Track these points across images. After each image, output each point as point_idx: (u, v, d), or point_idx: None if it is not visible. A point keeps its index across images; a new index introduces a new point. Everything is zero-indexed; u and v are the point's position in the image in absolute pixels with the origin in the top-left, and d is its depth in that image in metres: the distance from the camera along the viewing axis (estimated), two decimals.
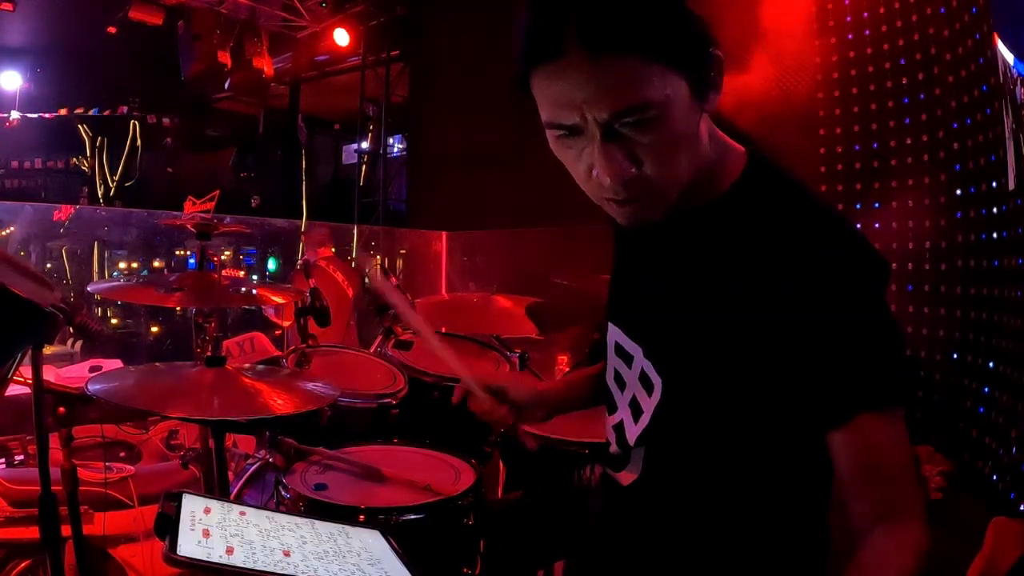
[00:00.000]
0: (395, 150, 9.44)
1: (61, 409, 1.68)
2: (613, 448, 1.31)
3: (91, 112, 9.15)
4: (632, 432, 1.24)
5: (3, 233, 6.26)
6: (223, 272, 2.28)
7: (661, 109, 0.92)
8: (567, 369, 3.77)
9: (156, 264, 7.76)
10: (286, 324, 4.85)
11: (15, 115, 8.74)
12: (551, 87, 0.96)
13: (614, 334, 1.28)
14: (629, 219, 1.04)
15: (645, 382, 1.19)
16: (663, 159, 0.96)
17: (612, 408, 1.31)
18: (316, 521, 1.17)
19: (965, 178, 3.85)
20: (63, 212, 6.80)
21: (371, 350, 2.78)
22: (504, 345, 2.93)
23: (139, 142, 9.84)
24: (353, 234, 8.17)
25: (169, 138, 10.08)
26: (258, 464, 2.33)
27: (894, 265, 4.29)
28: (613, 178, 0.96)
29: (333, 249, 5.56)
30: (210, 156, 10.73)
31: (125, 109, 9.41)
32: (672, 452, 1.18)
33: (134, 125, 9.65)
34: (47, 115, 8.73)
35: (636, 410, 1.22)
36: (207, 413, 1.61)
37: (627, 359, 1.24)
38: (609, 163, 0.95)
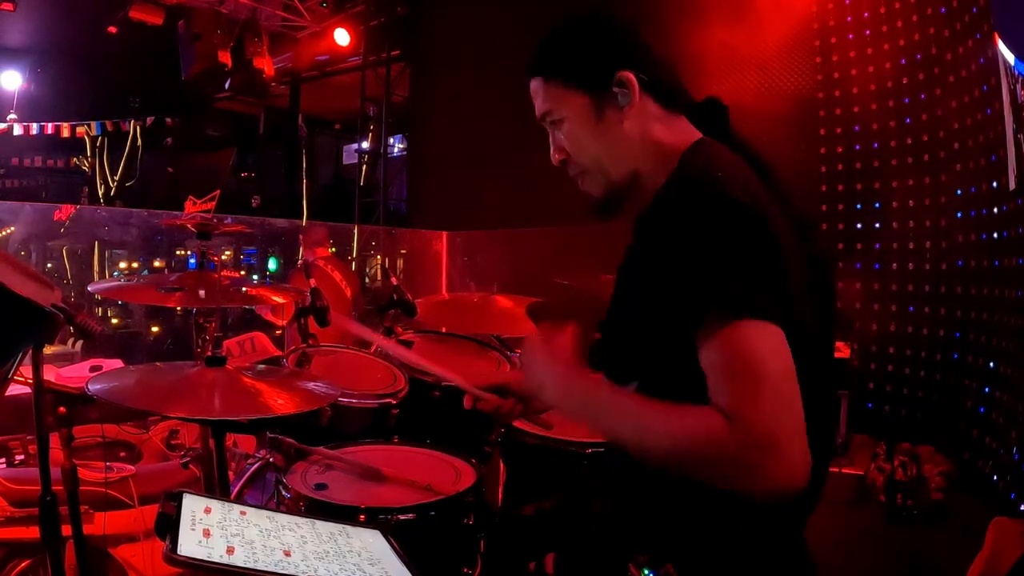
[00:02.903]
0: (395, 150, 9.44)
1: (61, 409, 1.68)
2: None
3: (93, 125, 9.14)
4: None
5: (3, 233, 6.26)
6: (222, 272, 2.28)
7: (561, 114, 1.31)
8: None
9: (156, 264, 7.76)
10: (282, 323, 4.85)
11: (11, 117, 8.73)
12: None
13: None
14: (584, 191, 1.37)
15: None
16: (576, 149, 1.33)
17: None
18: (316, 521, 1.17)
19: (965, 178, 3.85)
20: (63, 212, 6.80)
21: (371, 350, 2.78)
22: (504, 345, 2.93)
23: (139, 142, 9.85)
24: (353, 234, 8.17)
25: (169, 138, 10.08)
26: (258, 464, 2.33)
27: (894, 265, 4.29)
28: (553, 159, 1.37)
29: (332, 249, 5.55)
30: (211, 156, 10.73)
31: (127, 126, 9.43)
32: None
33: (134, 125, 9.65)
34: (48, 126, 8.71)
35: None
36: (208, 413, 1.61)
37: None
38: (552, 148, 1.37)
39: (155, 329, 7.47)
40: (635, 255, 1.30)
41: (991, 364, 3.50)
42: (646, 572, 1.15)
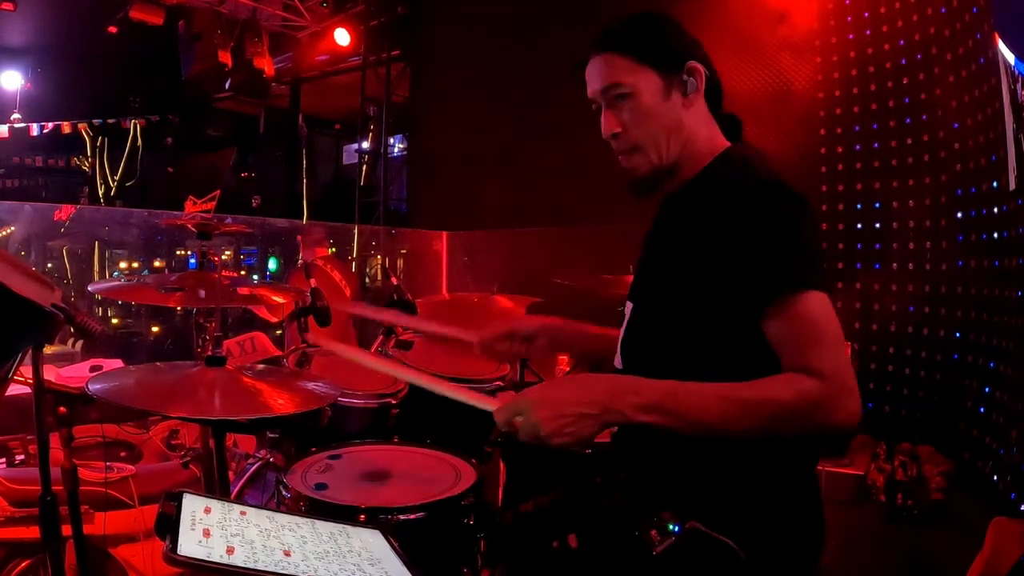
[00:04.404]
0: (396, 150, 9.44)
1: (62, 409, 1.67)
2: None
3: (95, 122, 9.14)
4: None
5: (3, 233, 6.26)
6: (222, 272, 2.28)
7: (631, 88, 1.39)
8: (567, 369, 3.78)
9: (157, 264, 7.75)
10: (276, 320, 4.85)
11: (15, 117, 8.72)
12: (586, 78, 1.46)
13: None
14: (627, 169, 1.45)
15: (623, 322, 1.51)
16: (636, 124, 1.40)
17: None
18: (316, 521, 1.17)
19: (966, 178, 3.84)
20: (64, 212, 6.78)
21: (371, 350, 2.78)
22: None
23: (140, 142, 9.84)
24: (354, 234, 8.17)
25: (170, 138, 10.08)
26: (258, 464, 2.33)
27: (894, 265, 4.29)
28: (604, 132, 1.44)
29: (332, 249, 5.55)
30: (211, 156, 10.72)
31: (128, 123, 9.42)
32: (642, 362, 1.42)
33: (135, 125, 9.65)
34: (48, 125, 8.71)
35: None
36: (208, 413, 1.61)
37: (622, 321, 1.51)
38: (604, 122, 1.44)
39: (155, 329, 7.46)
40: (675, 233, 1.41)
41: (991, 364, 3.50)
42: (670, 527, 1.21)
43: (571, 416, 1.18)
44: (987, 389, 3.51)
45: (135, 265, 7.70)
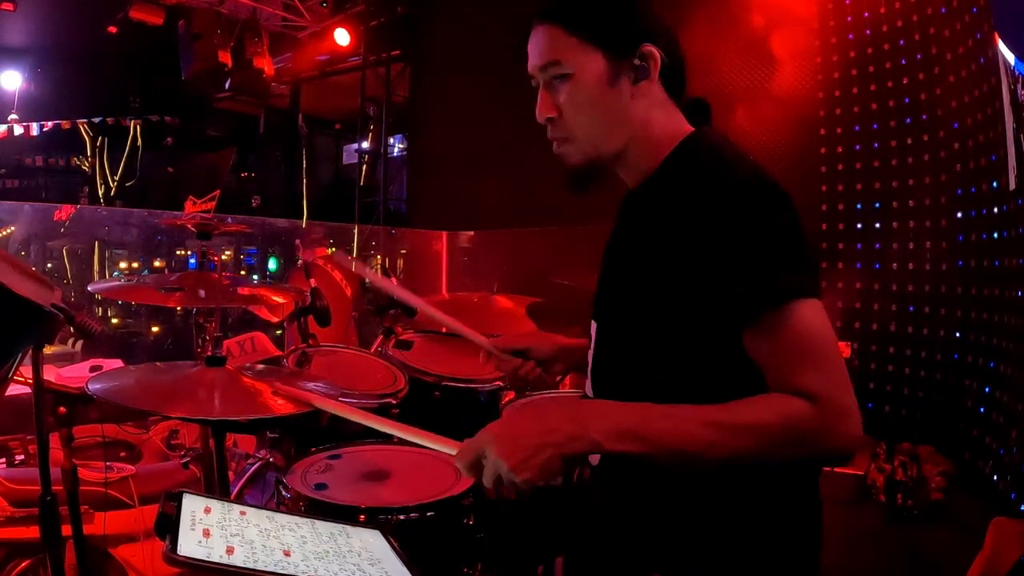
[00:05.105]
0: (396, 150, 9.44)
1: (62, 409, 1.68)
2: None
3: (96, 120, 9.14)
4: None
5: (4, 233, 6.26)
6: (222, 272, 2.28)
7: (572, 70, 1.21)
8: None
9: (157, 264, 7.75)
10: (276, 320, 4.85)
11: (12, 118, 8.72)
12: (528, 51, 1.28)
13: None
14: (559, 158, 1.28)
15: (591, 344, 1.34)
16: (575, 110, 1.23)
17: None
18: (316, 521, 1.17)
19: (966, 178, 3.84)
20: (64, 212, 6.79)
21: (371, 350, 2.78)
22: None
23: (140, 142, 9.84)
24: (354, 234, 8.17)
25: (170, 138, 10.08)
26: (258, 464, 2.33)
27: (895, 265, 4.29)
28: (539, 115, 1.26)
29: (332, 249, 5.55)
30: (211, 156, 10.72)
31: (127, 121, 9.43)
32: (612, 388, 1.27)
33: (135, 125, 9.65)
34: (48, 125, 8.71)
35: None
36: (208, 413, 1.61)
37: (591, 343, 1.35)
38: (541, 104, 1.26)
39: (155, 329, 7.46)
40: (639, 238, 1.25)
41: (991, 364, 3.50)
42: None
43: (531, 448, 1.03)
44: (987, 389, 3.51)
45: (135, 265, 7.70)
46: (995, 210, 3.53)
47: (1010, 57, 3.06)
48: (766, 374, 1.07)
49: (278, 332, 5.08)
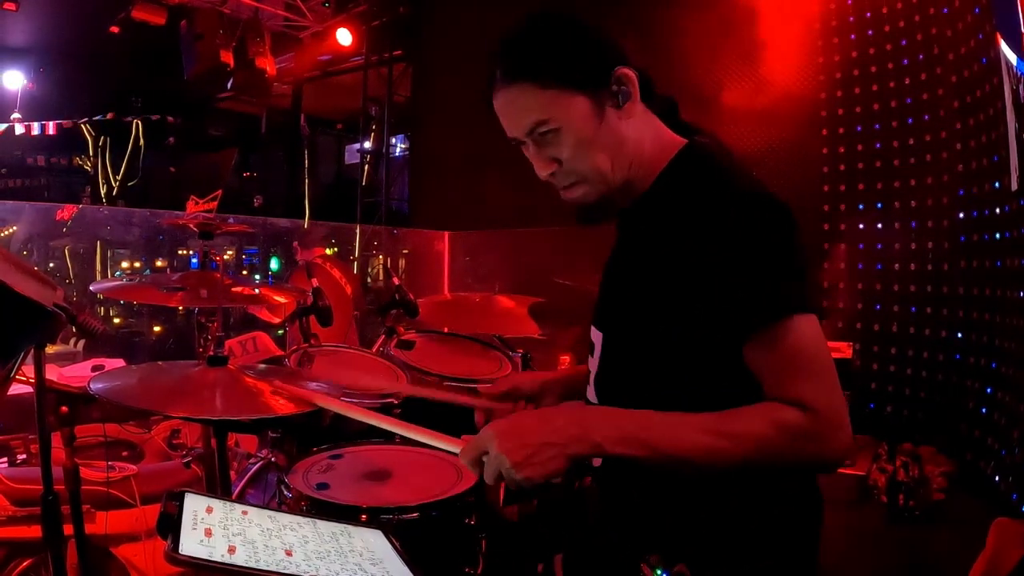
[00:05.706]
0: (398, 150, 9.43)
1: (63, 408, 1.68)
2: None
3: (96, 119, 9.15)
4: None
5: (6, 232, 6.27)
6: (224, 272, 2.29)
7: (560, 123, 1.18)
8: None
9: (159, 264, 7.75)
10: (277, 321, 4.84)
11: (15, 116, 8.73)
12: (497, 112, 1.25)
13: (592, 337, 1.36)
14: (572, 203, 1.28)
15: (593, 351, 1.34)
16: (576, 156, 1.20)
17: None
18: (318, 520, 1.17)
19: (967, 178, 3.84)
20: (66, 212, 6.79)
21: (373, 350, 2.79)
22: (506, 345, 2.93)
23: (142, 142, 9.85)
24: (355, 234, 8.17)
25: (172, 138, 10.08)
26: (260, 463, 2.33)
27: (896, 265, 4.29)
28: (541, 174, 1.25)
29: (334, 249, 5.55)
30: (213, 156, 10.73)
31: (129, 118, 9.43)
32: (616, 395, 1.28)
33: (137, 124, 9.66)
34: (49, 125, 8.71)
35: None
36: (209, 412, 1.61)
37: (592, 350, 1.35)
38: (537, 163, 1.25)
39: (157, 329, 7.47)
40: (641, 253, 1.26)
41: (993, 365, 3.50)
42: (658, 572, 1.13)
43: (534, 446, 1.06)
44: (989, 390, 3.51)
45: (137, 265, 7.70)
46: (997, 211, 3.53)
47: (1012, 57, 3.06)
48: (763, 384, 1.10)
49: (280, 332, 5.08)
